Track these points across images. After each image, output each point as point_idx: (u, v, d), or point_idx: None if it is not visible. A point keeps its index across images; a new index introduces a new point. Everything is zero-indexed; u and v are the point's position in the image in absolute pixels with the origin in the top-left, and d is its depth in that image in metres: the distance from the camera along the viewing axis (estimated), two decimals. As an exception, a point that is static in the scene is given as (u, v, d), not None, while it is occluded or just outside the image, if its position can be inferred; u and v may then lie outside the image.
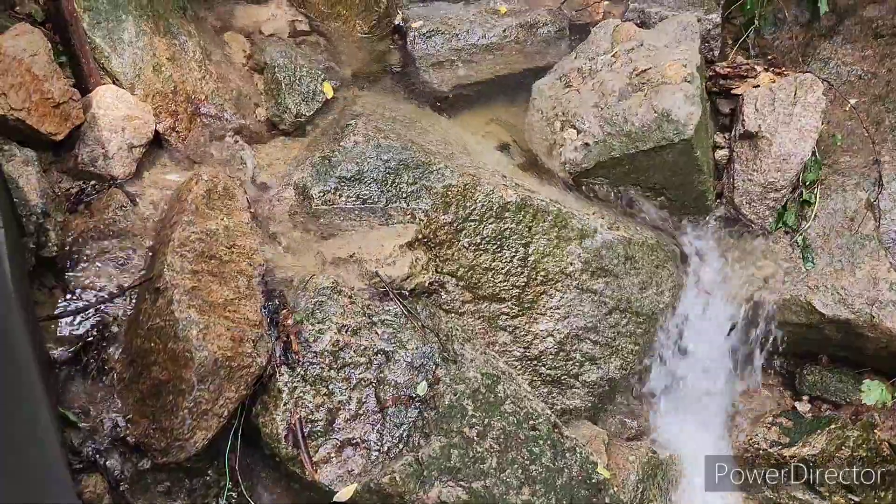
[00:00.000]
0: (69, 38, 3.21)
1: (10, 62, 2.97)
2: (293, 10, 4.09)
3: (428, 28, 3.98)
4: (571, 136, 3.59)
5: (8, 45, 3.01)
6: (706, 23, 3.94)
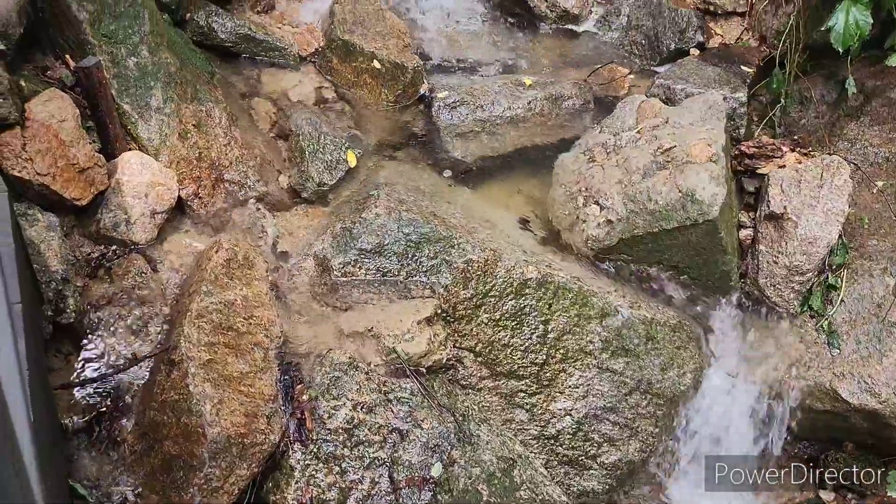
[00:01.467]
0: (97, 103, 3.23)
1: (39, 128, 3.00)
2: (320, 78, 4.12)
3: (453, 98, 3.99)
4: (594, 212, 3.57)
5: (38, 111, 3.04)
6: (732, 101, 3.93)
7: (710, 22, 4.56)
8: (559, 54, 4.48)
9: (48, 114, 3.05)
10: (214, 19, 4.03)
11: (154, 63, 3.41)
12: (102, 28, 3.31)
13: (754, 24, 4.45)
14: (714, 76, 4.10)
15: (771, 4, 4.35)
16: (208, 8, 4.05)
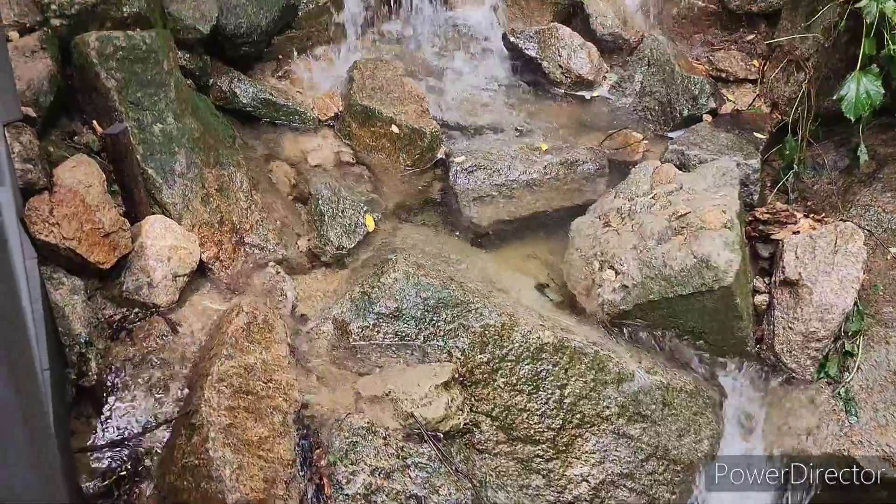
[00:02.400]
0: (123, 168, 3.30)
1: (66, 193, 3.06)
2: (339, 142, 4.20)
3: (470, 163, 4.05)
4: (610, 277, 3.60)
5: (66, 177, 3.11)
6: (745, 168, 3.98)
7: (722, 88, 4.64)
8: (574, 119, 4.55)
9: (75, 179, 3.12)
10: (237, 85, 4.12)
11: (179, 129, 3.49)
12: (130, 95, 3.40)
13: (766, 91, 4.52)
14: (727, 142, 4.16)
15: (782, 73, 4.42)
16: (231, 74, 4.15)
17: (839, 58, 4.09)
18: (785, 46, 4.42)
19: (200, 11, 3.93)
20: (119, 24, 3.53)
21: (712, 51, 4.86)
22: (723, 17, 4.92)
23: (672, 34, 5.00)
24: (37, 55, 3.37)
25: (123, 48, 3.38)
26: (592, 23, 4.79)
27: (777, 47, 4.50)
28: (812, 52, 4.22)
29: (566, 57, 4.63)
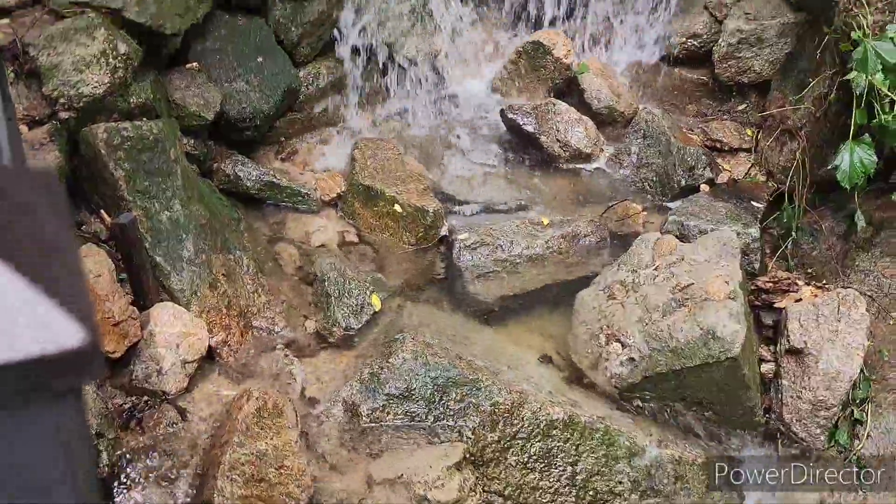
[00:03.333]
0: (131, 256, 3.33)
1: (76, 283, 3.09)
2: (342, 222, 4.25)
3: (473, 240, 4.10)
4: (617, 350, 3.62)
5: (74, 267, 3.13)
6: (745, 237, 4.03)
7: (717, 158, 4.72)
8: (573, 192, 4.61)
9: (85, 270, 3.15)
10: (240, 168, 4.18)
11: (186, 216, 3.53)
12: (137, 184, 3.45)
13: (761, 160, 4.60)
14: (725, 212, 4.22)
15: (776, 142, 4.50)
16: (235, 157, 4.22)
17: (831, 127, 4.17)
18: (777, 117, 4.52)
19: (204, 99, 4.01)
20: (126, 115, 3.61)
21: (706, 121, 4.95)
22: (714, 88, 5.04)
23: (665, 106, 5.09)
24: (45, 148, 3.43)
25: (131, 139, 3.44)
26: (587, 97, 4.89)
27: (769, 117, 4.60)
28: (804, 122, 4.31)
29: (564, 131, 4.71)
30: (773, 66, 4.77)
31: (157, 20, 3.68)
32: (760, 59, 4.79)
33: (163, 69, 4.00)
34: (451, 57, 5.08)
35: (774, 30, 4.73)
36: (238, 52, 4.27)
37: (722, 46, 4.86)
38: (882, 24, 3.82)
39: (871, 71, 3.68)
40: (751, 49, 4.79)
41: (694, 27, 5.00)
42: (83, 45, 3.44)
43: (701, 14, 5.00)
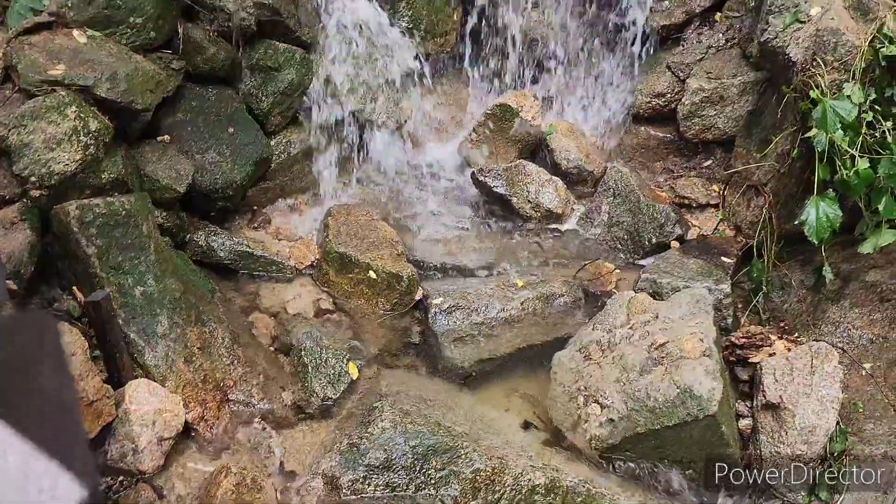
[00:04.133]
0: (105, 333, 3.31)
1: (49, 364, 3.05)
2: (317, 289, 4.24)
3: (448, 304, 4.11)
4: (595, 411, 3.62)
5: (47, 347, 3.10)
6: (717, 293, 4.08)
7: (686, 214, 4.79)
8: (546, 252, 4.65)
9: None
10: (214, 239, 4.18)
11: (160, 290, 3.52)
12: (110, 261, 3.44)
13: (728, 215, 4.68)
14: (696, 268, 4.27)
15: (742, 197, 4.59)
16: (207, 228, 4.22)
17: (795, 182, 4.26)
18: (742, 173, 4.61)
19: (176, 171, 4.02)
20: (98, 191, 3.60)
21: (673, 178, 5.04)
22: (680, 145, 5.13)
23: (633, 164, 5.18)
24: (16, 226, 3.42)
25: (103, 215, 3.43)
26: (557, 157, 4.96)
27: (735, 174, 4.69)
28: (769, 178, 4.40)
29: (534, 192, 4.77)
30: (736, 122, 4.87)
31: (128, 96, 3.70)
32: (723, 117, 4.89)
33: (134, 143, 4.01)
34: (421, 121, 5.15)
35: (736, 88, 4.84)
36: (209, 124, 4.30)
37: (686, 105, 4.96)
38: (839, 82, 3.93)
39: (831, 129, 3.78)
40: (714, 107, 4.90)
41: (658, 87, 5.11)
42: (54, 123, 3.45)
43: (664, 74, 5.12)
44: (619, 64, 5.25)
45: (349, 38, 4.79)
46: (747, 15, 5.00)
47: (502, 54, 5.34)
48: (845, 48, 3.92)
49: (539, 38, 5.31)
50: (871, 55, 3.86)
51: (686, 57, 5.09)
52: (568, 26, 5.27)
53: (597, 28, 5.28)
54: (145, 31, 3.99)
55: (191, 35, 4.22)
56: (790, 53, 4.04)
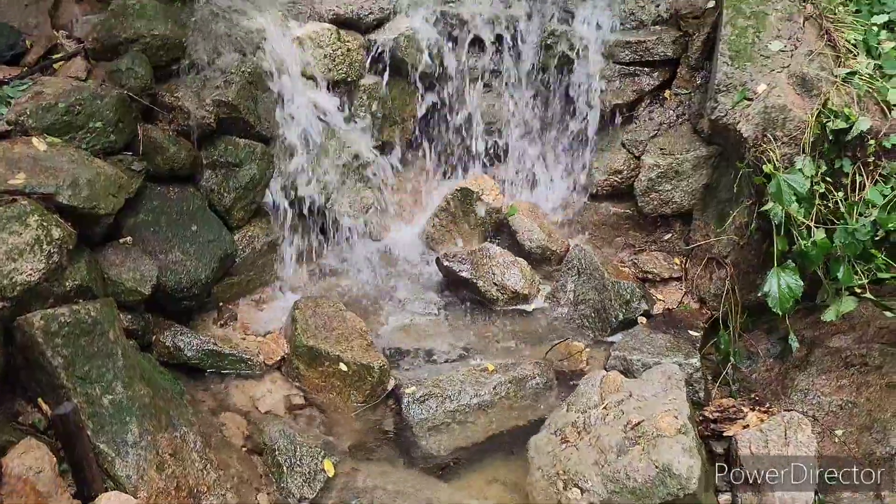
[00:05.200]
0: (73, 445, 3.22)
1: (16, 482, 2.98)
2: (288, 384, 4.20)
3: (421, 392, 4.08)
4: (576, 495, 3.59)
5: (14, 465, 3.02)
6: (687, 367, 4.12)
7: (650, 289, 4.85)
8: (515, 334, 4.67)
9: (25, 467, 3.04)
10: (180, 339, 4.13)
11: (128, 398, 3.45)
12: (77, 370, 3.37)
13: (692, 288, 4.75)
14: (665, 343, 4.31)
15: (704, 270, 4.66)
16: (174, 328, 4.17)
17: (755, 254, 4.35)
18: (702, 246, 4.69)
19: (140, 273, 3.98)
20: (62, 299, 3.55)
21: (635, 252, 5.11)
22: (639, 220, 5.22)
23: (595, 240, 5.25)
24: (-21, 340, 3.35)
25: (69, 324, 3.38)
26: (520, 238, 5.02)
27: (695, 246, 4.77)
28: (729, 251, 4.48)
29: (500, 274, 4.80)
30: (692, 196, 4.98)
31: (90, 202, 3.68)
32: (680, 191, 5.00)
33: (97, 246, 3.97)
34: (383, 209, 5.18)
35: (690, 163, 4.96)
36: (172, 223, 4.28)
37: (643, 181, 5.06)
38: (790, 156, 4.05)
39: (787, 203, 3.88)
40: (670, 182, 5.00)
41: (614, 164, 5.21)
42: (16, 234, 3.40)
43: (620, 151, 5.23)
44: (576, 143, 5.36)
45: (309, 129, 4.84)
46: (695, 92, 5.15)
47: (461, 138, 5.41)
48: (793, 123, 4.05)
49: (496, 121, 5.40)
50: (818, 129, 3.99)
51: (639, 134, 5.22)
52: (523, 108, 5.38)
53: (552, 109, 5.39)
54: (105, 134, 4.00)
55: (151, 136, 4.23)
56: (741, 130, 4.15)
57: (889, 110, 4.00)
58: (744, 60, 4.30)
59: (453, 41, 5.28)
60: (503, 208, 5.12)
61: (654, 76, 5.24)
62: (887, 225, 3.87)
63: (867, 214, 3.91)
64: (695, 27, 5.13)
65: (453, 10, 5.30)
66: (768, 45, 4.32)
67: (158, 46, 4.32)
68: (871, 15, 4.45)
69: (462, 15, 5.27)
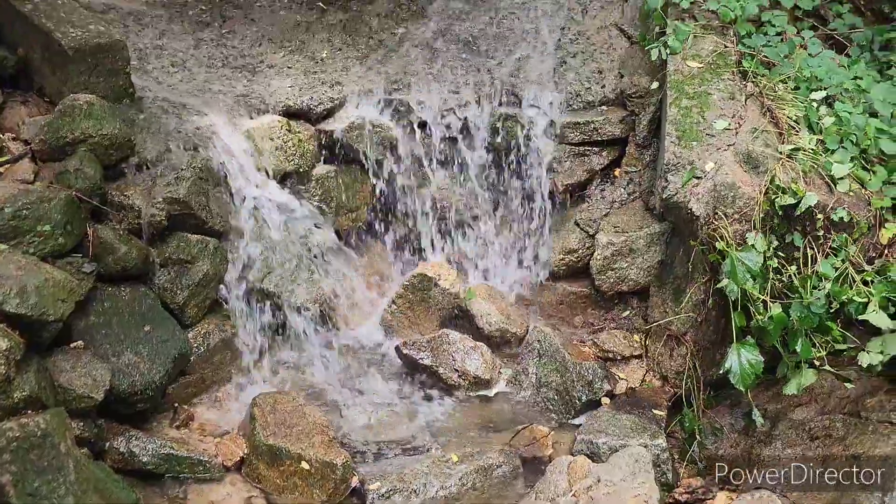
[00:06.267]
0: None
1: None
2: (248, 486, 4.08)
3: (386, 488, 3.98)
4: (549, 589, 3.51)
5: None
6: (653, 448, 4.09)
7: (612, 368, 4.84)
8: (478, 420, 4.60)
9: None
10: (135, 444, 4.00)
11: (81, 512, 3.31)
12: (27, 487, 3.22)
13: (653, 366, 4.75)
14: (630, 424, 4.28)
15: (665, 348, 4.67)
16: (128, 433, 4.04)
17: (713, 330, 4.37)
18: (661, 322, 4.70)
19: (92, 378, 3.86)
20: (10, 411, 3.42)
21: (594, 331, 5.11)
22: (597, 298, 5.23)
23: (553, 320, 5.25)
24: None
25: (17, 438, 3.24)
26: (479, 322, 4.99)
27: (654, 323, 4.78)
28: (688, 328, 4.50)
29: (461, 360, 4.76)
30: (648, 273, 5.01)
31: (39, 309, 3.59)
32: (635, 268, 5.03)
33: (46, 353, 3.86)
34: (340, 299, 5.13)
35: (643, 240, 5.01)
36: (124, 324, 4.18)
37: (598, 260, 5.09)
38: (741, 232, 4.11)
39: (742, 281, 3.92)
40: (625, 259, 5.03)
41: (569, 244, 5.24)
42: (-39, 346, 3.30)
43: (574, 231, 5.26)
44: (530, 224, 5.39)
45: (262, 221, 4.81)
46: (644, 169, 5.24)
47: (415, 223, 5.41)
48: (743, 200, 4.11)
49: (450, 204, 5.41)
50: (768, 205, 4.06)
51: (593, 213, 5.27)
52: (476, 190, 5.41)
53: (505, 190, 5.43)
54: (53, 238, 3.92)
55: (101, 236, 4.16)
56: (692, 208, 4.21)
57: (834, 184, 4.10)
58: (690, 140, 4.38)
59: (403, 128, 5.32)
60: (461, 292, 5.10)
61: (604, 155, 5.33)
62: (841, 297, 3.92)
63: (821, 288, 3.96)
64: (640, 106, 5.25)
65: (403, 96, 5.35)
66: (713, 123, 4.41)
67: (107, 146, 4.28)
68: (809, 91, 4.58)
69: (412, 101, 5.32)
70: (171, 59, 5.31)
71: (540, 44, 5.72)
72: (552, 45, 5.70)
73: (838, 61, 4.82)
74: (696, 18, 4.98)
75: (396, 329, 5.09)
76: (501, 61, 5.57)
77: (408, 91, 5.35)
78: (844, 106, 4.37)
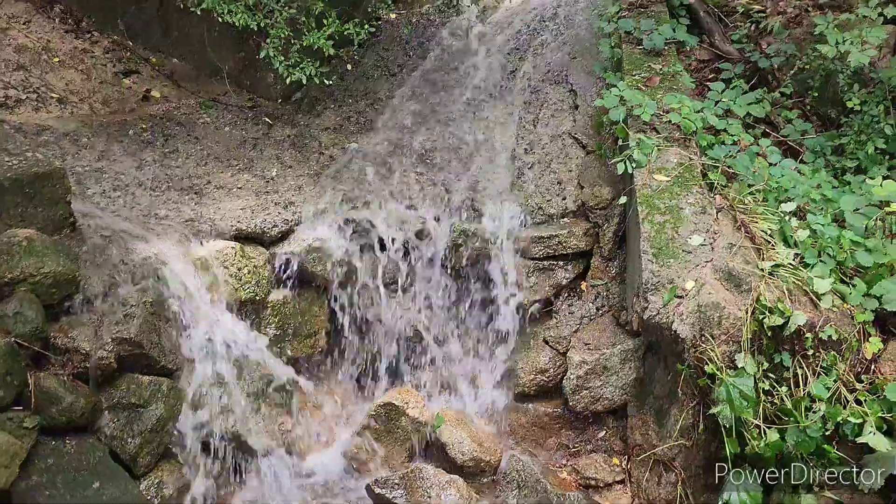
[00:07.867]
0: None
1: None
2: None
3: None
4: None
5: None
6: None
7: (596, 496, 4.59)
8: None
9: None
10: None
11: None
12: None
13: (641, 494, 4.51)
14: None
15: (651, 473, 4.45)
16: None
17: (704, 455, 4.18)
18: (645, 447, 4.50)
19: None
20: None
21: (570, 454, 4.88)
22: (571, 418, 5.00)
23: (527, 443, 5.00)
24: None
25: None
26: (450, 452, 4.70)
27: (636, 447, 4.57)
28: (676, 453, 4.30)
29: (436, 496, 4.44)
30: (623, 391, 4.82)
31: (-22, 482, 3.19)
32: (610, 387, 4.83)
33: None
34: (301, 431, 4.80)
35: (617, 357, 4.83)
36: (70, 483, 3.77)
37: (571, 379, 4.88)
38: (730, 353, 3.96)
39: (739, 409, 3.76)
40: (599, 378, 4.84)
41: (539, 363, 5.04)
42: None
43: (543, 349, 5.07)
44: (497, 343, 5.18)
45: (216, 356, 4.48)
46: (611, 282, 5.11)
47: (377, 347, 5.15)
48: (729, 321, 3.97)
49: (412, 327, 5.18)
50: (755, 325, 3.93)
51: (561, 330, 5.09)
52: (439, 311, 5.19)
53: (469, 309, 5.23)
54: (-9, 392, 3.53)
55: (44, 385, 3.79)
56: (677, 330, 4.04)
57: (819, 300, 4.00)
58: (668, 257, 4.25)
59: (361, 248, 5.11)
60: (430, 419, 4.82)
61: (569, 269, 5.19)
62: (836, 418, 3.79)
63: (815, 409, 3.82)
64: (603, 218, 5.15)
65: (359, 215, 5.15)
66: (688, 239, 4.30)
67: (49, 284, 3.93)
68: (777, 203, 4.53)
69: (369, 220, 5.12)
70: (112, 182, 5.00)
71: (495, 155, 5.62)
72: (507, 156, 5.61)
73: (798, 170, 4.80)
74: (657, 130, 4.91)
75: (363, 463, 4.77)
76: (458, 175, 5.43)
77: (365, 209, 5.16)
78: (817, 218, 4.31)
